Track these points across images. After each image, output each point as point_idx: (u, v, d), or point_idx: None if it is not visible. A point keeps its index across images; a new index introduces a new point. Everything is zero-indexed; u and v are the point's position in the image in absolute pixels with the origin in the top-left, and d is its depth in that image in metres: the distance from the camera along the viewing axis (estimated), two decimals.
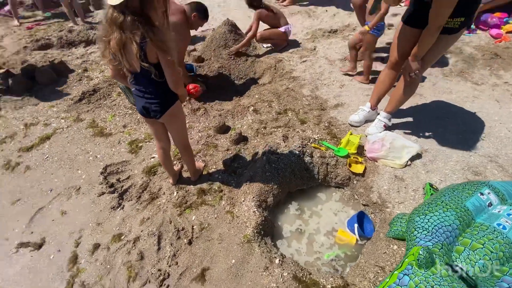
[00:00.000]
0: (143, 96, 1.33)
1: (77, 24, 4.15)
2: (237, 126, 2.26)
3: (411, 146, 1.92)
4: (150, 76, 1.21)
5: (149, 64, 1.16)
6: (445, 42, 1.68)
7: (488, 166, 1.90)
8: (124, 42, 1.09)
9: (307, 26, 3.95)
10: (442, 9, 1.46)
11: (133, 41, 1.07)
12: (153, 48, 1.13)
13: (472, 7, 1.56)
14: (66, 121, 2.40)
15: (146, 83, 1.27)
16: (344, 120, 2.33)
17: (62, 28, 4.10)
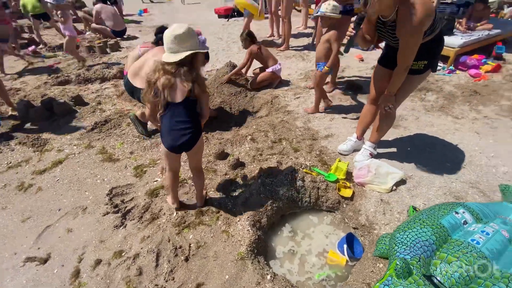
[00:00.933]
0: (180, 128, 1.53)
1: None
2: (235, 153, 2.44)
3: (395, 172, 2.07)
4: (191, 108, 1.54)
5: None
6: (412, 82, 1.94)
7: (469, 192, 2.03)
8: (173, 83, 1.46)
9: (301, 68, 4.37)
10: (407, 52, 1.73)
11: (185, 84, 1.46)
12: (197, 87, 1.50)
13: (434, 52, 1.85)
14: (78, 147, 2.60)
15: (184, 114, 1.53)
16: (333, 149, 2.51)
17: (81, 67, 4.56)
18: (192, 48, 1.44)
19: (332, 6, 2.57)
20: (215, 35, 6.44)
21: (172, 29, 1.43)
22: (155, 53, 2.62)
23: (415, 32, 1.62)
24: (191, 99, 1.52)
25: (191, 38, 1.45)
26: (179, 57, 1.42)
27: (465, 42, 4.08)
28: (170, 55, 1.44)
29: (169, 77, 1.45)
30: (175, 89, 1.48)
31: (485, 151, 2.46)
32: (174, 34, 1.40)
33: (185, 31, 1.42)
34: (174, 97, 1.49)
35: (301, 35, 6.03)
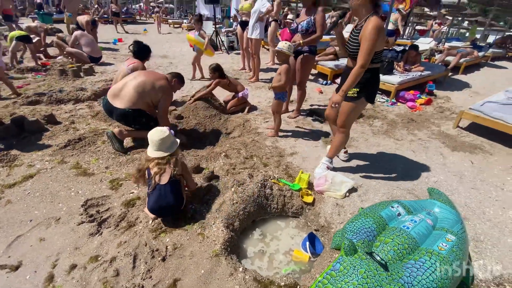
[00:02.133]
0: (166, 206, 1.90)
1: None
2: (210, 167, 2.65)
3: (347, 182, 2.44)
4: (176, 186, 1.94)
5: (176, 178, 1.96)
6: (350, 107, 2.36)
7: (407, 196, 2.44)
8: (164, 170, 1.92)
9: (269, 97, 4.85)
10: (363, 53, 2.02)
11: (172, 168, 1.93)
12: (180, 169, 2.01)
13: (366, 83, 2.24)
14: (50, 163, 2.61)
15: (170, 192, 1.89)
16: (297, 164, 2.85)
17: (52, 89, 4.55)
18: (175, 143, 2.02)
19: (288, 45, 3.08)
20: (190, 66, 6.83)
21: (157, 134, 1.94)
22: (135, 76, 2.85)
23: (371, 38, 1.98)
24: (175, 180, 1.93)
25: (171, 137, 2.02)
26: (170, 151, 1.96)
27: (402, 80, 4.94)
28: (159, 152, 1.94)
29: (161, 166, 1.92)
30: (163, 173, 1.91)
31: (418, 165, 2.97)
32: (161, 137, 1.93)
33: (168, 133, 1.98)
34: (162, 180, 1.90)
35: (270, 70, 6.71)
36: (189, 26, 14.20)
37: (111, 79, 5.24)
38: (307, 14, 3.38)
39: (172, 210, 1.94)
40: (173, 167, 1.93)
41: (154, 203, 1.88)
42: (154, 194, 1.88)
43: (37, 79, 5.12)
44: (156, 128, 2.01)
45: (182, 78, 3.20)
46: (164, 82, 2.90)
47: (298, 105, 3.98)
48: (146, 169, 1.98)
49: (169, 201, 1.87)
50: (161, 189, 1.89)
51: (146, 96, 2.80)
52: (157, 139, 1.94)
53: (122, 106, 2.71)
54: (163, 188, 1.89)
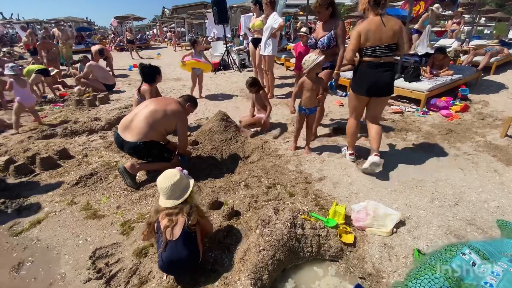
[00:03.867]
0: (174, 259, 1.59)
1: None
2: (230, 201, 2.36)
3: (393, 214, 2.05)
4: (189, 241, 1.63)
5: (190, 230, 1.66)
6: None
7: (468, 229, 2.02)
8: (175, 223, 1.64)
9: (286, 114, 4.58)
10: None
11: (186, 220, 1.64)
12: (196, 216, 1.70)
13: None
14: (59, 204, 2.43)
15: (181, 246, 1.60)
16: (328, 191, 2.50)
17: (68, 120, 4.53)
18: (187, 186, 1.74)
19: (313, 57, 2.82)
20: (204, 87, 6.74)
21: (167, 180, 1.68)
22: (145, 105, 2.67)
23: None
24: (189, 232, 1.63)
25: (184, 180, 1.74)
26: (181, 200, 1.68)
27: (432, 87, 4.51)
28: (170, 201, 1.67)
29: (172, 218, 1.64)
30: (175, 226, 1.63)
31: (472, 187, 2.53)
32: (171, 183, 1.67)
33: (179, 178, 1.70)
34: (174, 234, 1.62)
35: (284, 85, 6.48)
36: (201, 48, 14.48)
37: (125, 106, 5.20)
38: (325, 29, 3.11)
39: (187, 267, 1.65)
40: (186, 217, 1.64)
41: (165, 259, 1.59)
42: (166, 251, 1.60)
43: (54, 111, 5.17)
44: (165, 173, 1.73)
45: (195, 101, 3.03)
46: (175, 106, 2.70)
47: (316, 126, 3.62)
48: (156, 222, 1.69)
49: (181, 256, 1.58)
50: (171, 245, 1.60)
51: (158, 125, 2.60)
52: (167, 186, 1.67)
53: (132, 139, 2.51)
54: (175, 244, 1.61)
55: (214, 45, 10.82)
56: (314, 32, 3.29)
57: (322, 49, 3.13)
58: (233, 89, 6.41)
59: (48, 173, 2.93)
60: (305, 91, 2.98)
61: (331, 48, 3.09)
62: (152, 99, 2.82)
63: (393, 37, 2.51)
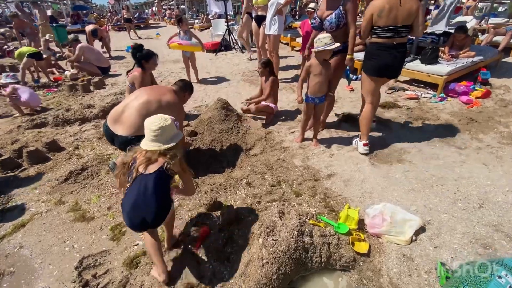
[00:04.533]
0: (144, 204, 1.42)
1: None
2: (230, 202, 2.15)
3: (412, 219, 1.83)
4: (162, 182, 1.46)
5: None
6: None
7: (495, 237, 1.80)
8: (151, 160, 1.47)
9: (291, 100, 4.27)
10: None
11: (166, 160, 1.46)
12: (177, 165, 1.50)
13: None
14: (46, 204, 2.25)
15: (152, 187, 1.42)
16: (339, 191, 2.28)
17: (60, 107, 4.29)
18: (177, 135, 1.56)
19: (329, 37, 2.47)
20: (204, 69, 6.40)
21: (157, 121, 1.48)
22: (137, 95, 2.40)
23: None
24: (165, 173, 1.46)
25: (175, 128, 1.56)
26: (168, 146, 1.48)
27: (452, 70, 4.13)
28: (155, 144, 1.47)
29: (151, 156, 1.47)
30: (151, 164, 1.47)
31: (498, 185, 2.28)
32: (162, 125, 1.47)
33: (170, 123, 1.50)
34: (147, 169, 1.46)
35: (289, 67, 6.09)
36: (201, 26, 13.82)
37: (121, 92, 4.92)
38: (331, 5, 2.61)
39: (152, 214, 1.44)
40: (168, 158, 1.46)
41: (129, 201, 1.43)
42: (132, 190, 1.44)
43: (47, 97, 4.92)
44: (157, 115, 1.55)
45: (191, 87, 2.71)
46: (171, 97, 2.42)
47: (325, 116, 3.33)
48: (132, 162, 1.50)
49: (148, 199, 1.40)
50: (141, 181, 1.43)
51: None
52: (155, 127, 1.46)
53: (124, 133, 2.27)
54: (145, 180, 1.43)
55: (215, 23, 10.22)
56: (318, 10, 2.80)
57: (330, 30, 2.67)
58: (234, 72, 6.05)
59: (36, 168, 2.74)
60: (312, 77, 2.67)
61: (341, 28, 2.66)
62: (144, 88, 2.53)
63: (409, 18, 2.31)
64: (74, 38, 6.56)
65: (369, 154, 2.74)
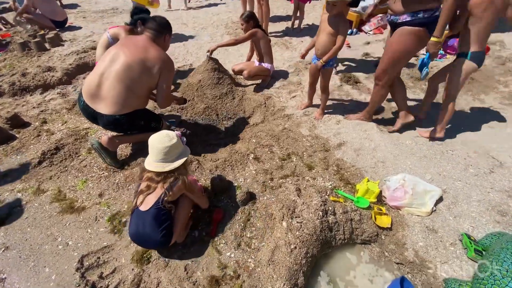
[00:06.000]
0: (140, 232, 1.41)
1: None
2: (241, 183, 1.97)
3: (433, 190, 1.80)
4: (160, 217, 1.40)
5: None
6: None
7: (510, 203, 1.83)
8: (152, 190, 1.42)
9: (287, 58, 3.89)
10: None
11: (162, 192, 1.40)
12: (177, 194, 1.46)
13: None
14: (23, 194, 1.91)
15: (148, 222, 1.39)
16: (351, 161, 2.17)
17: (15, 72, 3.55)
18: (183, 154, 1.49)
19: None
20: (178, 20, 5.59)
21: (163, 140, 1.41)
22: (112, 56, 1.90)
23: None
24: (161, 209, 1.39)
25: (181, 146, 1.48)
26: (171, 167, 1.42)
27: None
28: (160, 164, 1.42)
29: (151, 184, 1.42)
30: (150, 195, 1.42)
31: (506, 149, 2.29)
32: (167, 145, 1.40)
33: (176, 141, 1.43)
34: (144, 203, 1.41)
35: (279, 19, 5.48)
36: None
37: (84, 49, 4.16)
38: None
39: (151, 245, 1.49)
40: (165, 190, 1.40)
41: (131, 229, 1.45)
42: (132, 220, 1.45)
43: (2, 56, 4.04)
44: (162, 132, 1.46)
45: (168, 25, 2.09)
46: (154, 52, 1.91)
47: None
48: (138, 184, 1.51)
49: (146, 232, 1.39)
50: (138, 216, 1.42)
51: (139, 86, 1.92)
52: (161, 147, 1.40)
53: (109, 112, 1.86)
54: (142, 216, 1.41)
55: None
56: None
57: None
58: (216, 23, 5.35)
59: (2, 149, 2.29)
60: (319, 32, 2.33)
61: None
62: (117, 46, 2.00)
63: None
64: None
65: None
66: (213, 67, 3.00)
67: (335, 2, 2.07)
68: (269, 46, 3.16)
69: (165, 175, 1.41)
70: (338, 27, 2.20)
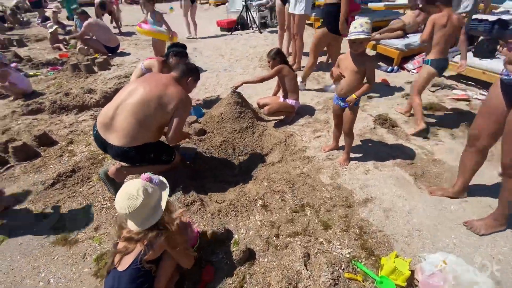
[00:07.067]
0: None
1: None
2: (241, 235, 1.74)
3: (483, 282, 1.36)
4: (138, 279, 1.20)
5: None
6: None
7: None
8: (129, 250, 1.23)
9: (316, 94, 3.70)
10: None
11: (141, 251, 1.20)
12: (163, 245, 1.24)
13: None
14: (25, 218, 1.91)
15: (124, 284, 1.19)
16: (378, 224, 1.81)
17: (60, 90, 3.91)
18: (158, 209, 1.24)
19: (368, 23, 1.90)
20: (217, 51, 5.84)
21: (125, 203, 1.15)
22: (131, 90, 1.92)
23: None
24: (140, 269, 1.20)
25: (152, 199, 1.23)
26: (147, 225, 1.21)
27: None
28: (132, 225, 1.22)
29: (128, 245, 1.22)
30: (127, 254, 1.22)
31: None
32: (132, 210, 1.15)
33: (141, 202, 1.16)
34: (120, 263, 1.22)
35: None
36: (217, 1, 12.91)
37: (126, 74, 4.48)
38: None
39: None
40: (144, 247, 1.20)
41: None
42: (107, 283, 1.24)
43: (48, 77, 4.55)
44: (123, 192, 1.19)
45: (196, 71, 2.18)
46: (174, 90, 1.93)
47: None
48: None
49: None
50: (114, 278, 1.21)
51: (152, 122, 1.89)
52: (125, 213, 1.16)
53: (119, 144, 1.84)
54: (118, 277, 1.20)
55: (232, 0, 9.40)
56: None
57: None
58: (251, 56, 5.45)
59: (23, 166, 2.40)
60: (342, 71, 2.12)
61: None
62: (140, 79, 2.05)
63: None
64: (80, 11, 6.05)
65: (412, 165, 2.26)
66: (236, 101, 2.93)
67: (361, 40, 1.88)
68: (295, 82, 3.03)
69: (144, 232, 1.21)
70: (365, 65, 2.01)
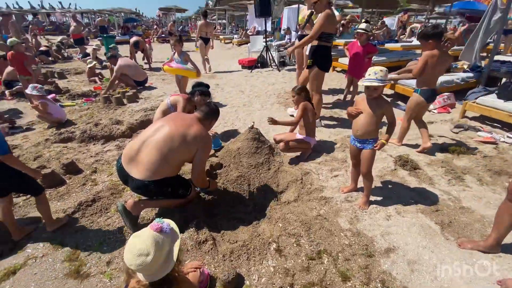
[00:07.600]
0: None
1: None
2: (253, 281, 1.65)
3: None
4: None
5: None
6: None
7: None
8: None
9: (334, 132, 3.71)
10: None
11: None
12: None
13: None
14: (44, 246, 1.95)
15: None
16: (402, 279, 1.66)
17: (91, 121, 4.20)
18: (161, 271, 1.12)
19: (384, 72, 1.95)
20: (237, 87, 6.13)
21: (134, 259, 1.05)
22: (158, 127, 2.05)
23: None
24: None
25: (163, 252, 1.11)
26: (156, 279, 1.12)
27: None
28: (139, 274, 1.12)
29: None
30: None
31: None
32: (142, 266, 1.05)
33: (152, 258, 1.05)
34: None
35: (331, 91, 5.54)
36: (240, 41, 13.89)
37: (152, 107, 4.76)
38: None
39: None
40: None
41: None
42: None
43: (82, 108, 4.94)
44: (132, 247, 1.07)
45: (217, 112, 2.36)
46: (197, 129, 2.05)
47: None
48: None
49: None
50: None
51: (174, 157, 1.97)
52: (135, 268, 1.07)
53: (140, 177, 1.91)
54: None
55: (253, 39, 10.10)
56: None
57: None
58: (269, 92, 5.66)
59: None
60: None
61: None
62: (166, 118, 2.19)
63: None
64: (109, 55, 6.57)
65: (438, 212, 2.12)
66: (253, 137, 3.00)
67: (376, 86, 1.92)
68: (314, 120, 3.07)
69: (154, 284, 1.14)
70: (382, 109, 2.03)
